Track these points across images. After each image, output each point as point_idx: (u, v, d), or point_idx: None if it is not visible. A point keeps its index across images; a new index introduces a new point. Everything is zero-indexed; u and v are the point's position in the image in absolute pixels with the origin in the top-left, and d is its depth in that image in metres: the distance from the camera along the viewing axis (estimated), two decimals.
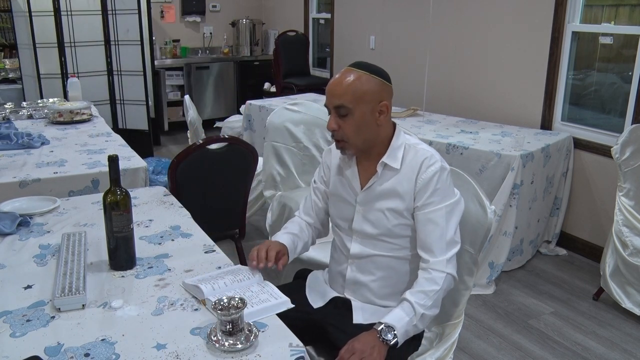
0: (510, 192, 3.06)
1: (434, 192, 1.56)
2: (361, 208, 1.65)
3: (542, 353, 2.57)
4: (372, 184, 1.63)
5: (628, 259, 2.76)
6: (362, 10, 5.47)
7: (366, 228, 1.64)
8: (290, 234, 1.75)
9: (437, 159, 1.58)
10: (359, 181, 1.66)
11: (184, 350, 1.21)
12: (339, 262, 1.74)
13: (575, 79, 3.73)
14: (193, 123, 3.60)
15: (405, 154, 1.61)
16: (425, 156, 1.58)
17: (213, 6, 6.95)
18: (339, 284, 1.74)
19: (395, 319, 1.50)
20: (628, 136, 2.82)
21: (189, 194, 2.42)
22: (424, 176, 1.56)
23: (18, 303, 1.39)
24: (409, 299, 1.53)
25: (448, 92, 4.51)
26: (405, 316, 1.51)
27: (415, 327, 1.52)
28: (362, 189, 1.64)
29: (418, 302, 1.52)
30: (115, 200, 1.51)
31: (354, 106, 1.54)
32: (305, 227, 1.81)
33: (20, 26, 4.81)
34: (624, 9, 3.52)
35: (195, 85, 6.48)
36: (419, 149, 1.61)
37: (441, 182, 1.57)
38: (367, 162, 1.65)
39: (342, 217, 1.71)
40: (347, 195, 1.68)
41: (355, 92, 1.53)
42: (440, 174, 1.56)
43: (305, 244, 1.80)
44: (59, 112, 3.29)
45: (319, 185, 1.80)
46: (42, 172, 2.35)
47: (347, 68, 1.58)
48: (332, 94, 1.57)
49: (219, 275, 1.52)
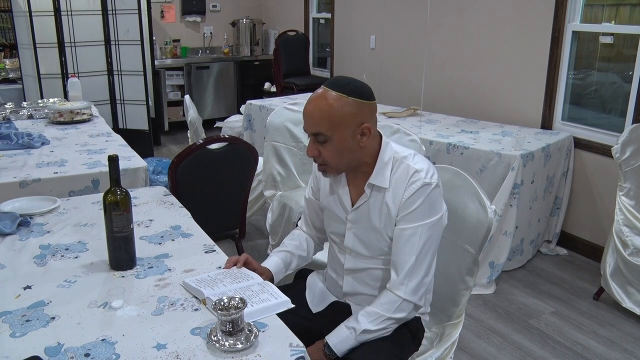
0: (511, 192, 3.06)
1: (414, 209, 1.49)
2: (352, 226, 1.60)
3: (542, 353, 2.57)
4: (361, 204, 1.57)
5: (628, 259, 2.76)
6: (362, 10, 5.47)
7: (358, 248, 1.61)
8: (283, 252, 1.74)
9: (421, 176, 1.48)
10: (350, 198, 1.60)
11: (184, 350, 1.21)
12: (334, 270, 1.72)
13: (575, 79, 3.73)
14: (193, 123, 3.60)
15: (394, 170, 1.53)
16: (412, 171, 1.50)
17: (213, 6, 6.95)
18: (337, 292, 1.74)
19: (337, 336, 1.52)
20: (628, 136, 2.82)
21: (189, 194, 2.42)
22: (406, 193, 1.49)
23: (18, 303, 1.39)
24: (358, 317, 1.53)
25: (448, 92, 4.51)
26: (346, 331, 1.52)
27: (356, 341, 1.52)
28: (353, 208, 1.59)
29: (364, 321, 1.51)
30: (115, 200, 1.51)
31: (332, 133, 1.45)
32: (304, 240, 1.80)
33: (20, 26, 4.80)
34: (624, 8, 3.52)
35: (195, 85, 6.48)
36: (407, 164, 1.52)
37: (423, 199, 1.48)
38: (356, 180, 1.59)
39: (334, 232, 1.68)
40: (338, 212, 1.63)
41: (331, 117, 1.43)
42: (422, 190, 1.48)
43: (303, 258, 1.78)
44: (59, 112, 3.29)
45: (311, 197, 1.76)
46: (43, 172, 2.35)
47: (323, 89, 1.47)
48: (309, 120, 1.48)
49: (219, 274, 1.52)
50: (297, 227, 1.86)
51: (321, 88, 1.49)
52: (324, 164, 1.52)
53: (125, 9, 4.88)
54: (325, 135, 1.46)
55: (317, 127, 1.46)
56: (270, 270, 1.67)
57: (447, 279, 1.76)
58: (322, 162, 1.52)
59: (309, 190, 1.77)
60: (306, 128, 1.50)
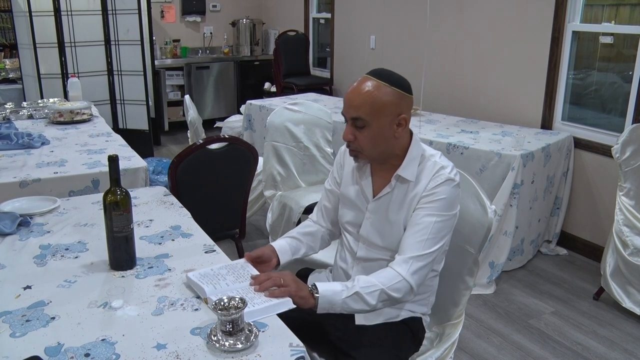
0: (511, 192, 3.06)
1: (434, 200, 1.52)
2: (371, 216, 1.62)
3: (542, 353, 2.57)
4: (384, 195, 1.60)
5: (628, 259, 2.76)
6: (362, 10, 5.47)
7: (373, 238, 1.62)
8: (290, 238, 1.74)
9: (446, 171, 1.54)
10: (372, 189, 1.63)
11: (184, 350, 1.21)
12: (345, 261, 1.73)
13: (575, 79, 3.73)
14: (193, 123, 3.61)
15: (421, 165, 1.57)
16: (438, 167, 1.55)
17: (213, 6, 6.95)
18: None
19: (328, 284, 1.49)
20: (628, 136, 2.82)
21: (189, 193, 2.42)
22: (431, 184, 1.53)
23: (18, 303, 1.39)
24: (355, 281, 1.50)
25: (448, 92, 4.51)
26: (338, 286, 1.48)
27: (343, 303, 1.46)
28: (374, 198, 1.62)
29: (358, 285, 1.47)
30: (115, 200, 1.51)
31: (371, 119, 1.49)
32: (313, 232, 1.80)
33: (20, 26, 4.80)
34: (624, 8, 3.52)
35: (195, 85, 6.48)
36: (434, 161, 1.57)
37: (444, 193, 1.52)
38: (381, 172, 1.62)
39: (350, 221, 1.69)
40: (358, 201, 1.66)
41: (373, 104, 1.48)
42: (445, 184, 1.53)
43: (311, 247, 1.78)
44: (59, 112, 3.29)
45: (333, 187, 1.77)
46: (42, 172, 2.35)
47: (366, 76, 1.52)
48: (350, 104, 1.52)
49: (222, 269, 1.52)
50: (308, 219, 1.85)
51: (364, 76, 1.53)
52: (356, 150, 1.56)
53: (125, 9, 4.88)
54: (364, 121, 1.50)
55: (358, 111, 1.50)
56: (276, 249, 1.67)
57: (447, 279, 1.76)
58: (356, 147, 1.56)
59: (331, 180, 1.79)
60: (345, 112, 1.54)
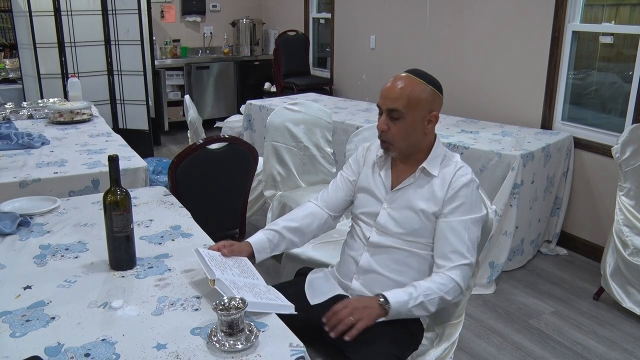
0: (511, 192, 3.06)
1: (462, 202, 1.61)
2: (388, 205, 1.70)
3: (542, 353, 2.57)
4: (405, 186, 1.68)
5: (628, 259, 2.76)
6: (362, 10, 5.47)
7: (389, 225, 1.68)
8: (271, 231, 1.73)
9: (469, 171, 1.66)
10: (391, 181, 1.72)
11: (184, 350, 1.21)
12: (354, 249, 1.76)
13: (575, 79, 3.73)
14: (193, 123, 3.61)
15: (443, 164, 1.68)
16: (459, 166, 1.66)
17: (213, 6, 6.95)
18: (350, 271, 1.74)
19: (394, 294, 1.55)
20: (628, 136, 2.82)
21: (189, 194, 2.42)
22: (455, 185, 1.62)
23: (18, 303, 1.39)
24: (415, 284, 1.58)
25: (448, 92, 4.46)
26: (405, 296, 1.55)
27: (408, 311, 1.55)
28: (393, 189, 1.70)
29: (420, 293, 1.55)
30: (115, 200, 1.51)
31: (406, 111, 1.60)
32: (315, 212, 1.81)
33: (20, 26, 4.80)
34: (624, 8, 3.52)
35: (195, 85, 6.48)
36: (455, 161, 1.69)
37: (470, 194, 1.62)
38: (403, 165, 1.71)
39: (366, 212, 1.74)
40: (378, 192, 1.73)
41: (410, 98, 1.60)
42: (470, 186, 1.63)
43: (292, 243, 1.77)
44: (59, 112, 3.29)
45: (349, 174, 1.83)
46: (42, 172, 2.35)
47: (404, 74, 1.65)
48: (388, 96, 1.63)
49: (228, 260, 1.54)
50: (310, 200, 1.87)
51: (402, 73, 1.66)
52: (388, 141, 1.66)
53: (125, 9, 4.88)
54: (400, 112, 1.61)
55: (395, 103, 1.61)
56: (251, 245, 1.67)
57: None
58: (387, 139, 1.65)
59: (347, 171, 1.84)
60: (382, 103, 1.64)
